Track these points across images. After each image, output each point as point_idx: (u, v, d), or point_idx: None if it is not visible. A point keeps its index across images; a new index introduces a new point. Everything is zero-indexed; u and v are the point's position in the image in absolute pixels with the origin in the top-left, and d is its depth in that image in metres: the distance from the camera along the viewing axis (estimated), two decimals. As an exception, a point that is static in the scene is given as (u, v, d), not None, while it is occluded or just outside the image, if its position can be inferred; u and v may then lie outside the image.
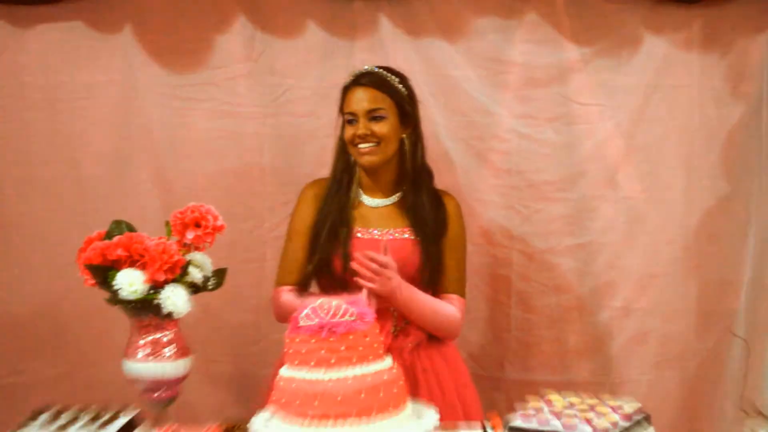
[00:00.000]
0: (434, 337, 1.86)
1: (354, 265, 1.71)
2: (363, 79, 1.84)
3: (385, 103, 1.81)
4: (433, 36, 2.24)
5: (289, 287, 1.84)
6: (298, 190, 1.95)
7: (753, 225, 2.30)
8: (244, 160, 2.31)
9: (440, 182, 1.97)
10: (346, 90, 1.87)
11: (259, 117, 2.28)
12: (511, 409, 1.66)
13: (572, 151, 2.29)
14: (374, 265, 1.66)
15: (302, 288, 1.85)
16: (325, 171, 1.95)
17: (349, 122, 1.83)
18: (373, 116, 1.80)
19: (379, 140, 1.79)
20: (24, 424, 1.54)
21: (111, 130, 2.23)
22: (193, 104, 2.25)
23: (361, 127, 1.79)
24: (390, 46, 2.23)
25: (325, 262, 1.81)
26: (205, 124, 2.26)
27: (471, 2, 2.25)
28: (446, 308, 1.83)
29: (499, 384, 2.36)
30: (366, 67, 1.91)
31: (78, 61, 2.19)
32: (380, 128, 1.79)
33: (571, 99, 2.26)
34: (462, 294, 1.88)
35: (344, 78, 1.91)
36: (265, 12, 2.23)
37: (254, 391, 2.09)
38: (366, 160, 1.80)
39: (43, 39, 2.16)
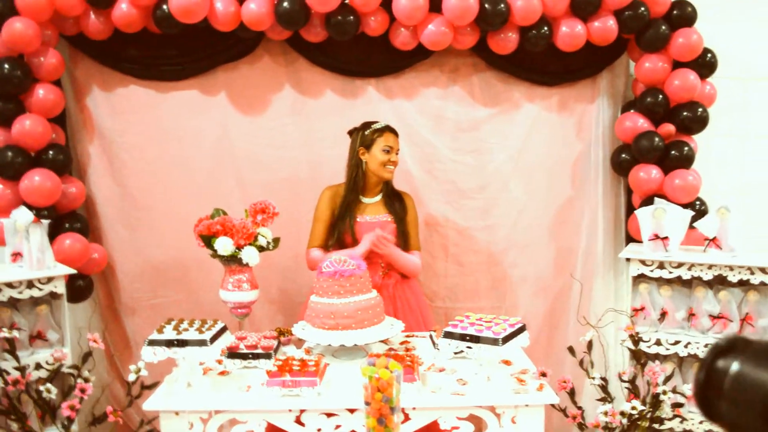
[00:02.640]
0: (406, 276, 2.87)
1: (375, 239, 2.67)
2: (389, 128, 2.82)
3: (397, 145, 2.84)
4: (401, 99, 3.28)
5: (315, 248, 2.87)
6: (320, 186, 2.91)
7: (586, 215, 3.40)
8: (289, 173, 3.25)
9: (405, 188, 3.02)
10: (381, 132, 2.78)
11: (299, 147, 3.25)
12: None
13: (482, 169, 3.34)
14: (382, 233, 2.70)
15: (324, 249, 2.85)
16: (337, 179, 2.92)
17: (386, 151, 2.77)
18: (397, 151, 2.84)
19: (395, 165, 2.86)
20: (161, 329, 2.14)
21: (212, 154, 3.23)
22: (260, 139, 3.24)
23: (393, 157, 2.79)
24: (375, 105, 3.25)
25: (340, 236, 2.81)
26: (267, 151, 3.24)
27: (421, 80, 3.28)
28: (412, 258, 2.86)
29: (439, 309, 3.37)
30: (381, 123, 2.83)
31: (193, 113, 3.21)
32: (398, 159, 2.88)
33: (481, 140, 3.33)
34: (419, 248, 2.92)
35: (351, 123, 2.92)
36: (302, 83, 3.25)
37: (295, 310, 3.10)
38: (390, 174, 2.81)
39: (173, 100, 3.19)
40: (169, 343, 2.07)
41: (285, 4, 2.93)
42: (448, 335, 2.13)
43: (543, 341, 3.42)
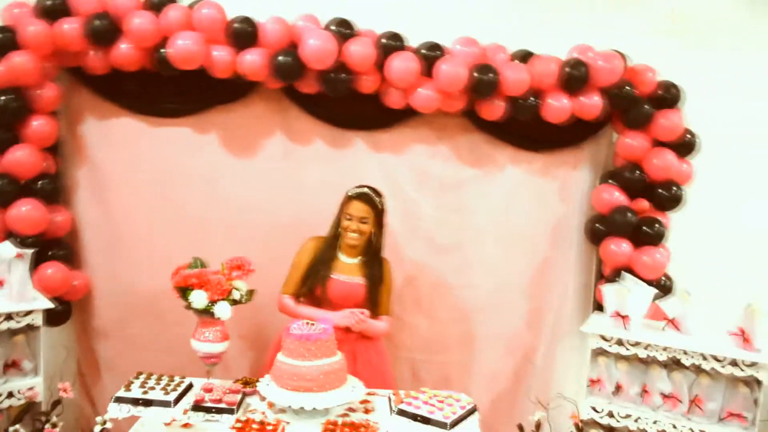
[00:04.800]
0: (368, 338, 2.91)
1: (354, 321, 2.75)
2: (360, 196, 2.82)
3: (369, 215, 2.83)
4: (388, 153, 3.36)
5: (288, 296, 2.93)
6: (303, 232, 2.98)
7: (559, 278, 3.48)
8: (273, 217, 3.30)
9: (385, 241, 2.99)
10: (350, 198, 2.83)
11: (285, 193, 3.31)
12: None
13: (462, 228, 3.43)
14: (361, 317, 2.77)
15: (295, 297, 2.92)
16: (320, 228, 2.96)
17: (348, 219, 2.82)
18: (362, 221, 2.86)
19: (361, 234, 2.87)
20: (129, 385, 2.23)
21: (199, 191, 3.30)
22: (247, 182, 3.31)
23: (353, 225, 2.83)
24: (363, 158, 3.32)
25: (312, 289, 2.88)
26: (253, 193, 3.30)
27: (409, 136, 3.36)
28: (380, 325, 2.93)
29: (407, 360, 3.46)
30: (361, 188, 2.83)
31: (184, 150, 3.27)
32: (364, 228, 2.85)
33: (463, 199, 3.40)
34: (389, 313, 2.98)
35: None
36: (293, 131, 3.34)
37: (266, 346, 3.15)
38: (350, 242, 2.85)
39: (166, 136, 3.25)
40: (135, 402, 2.15)
41: (281, 58, 3.00)
42: (401, 413, 2.22)
43: (508, 397, 3.52)
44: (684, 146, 3.31)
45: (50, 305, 2.74)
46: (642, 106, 3.23)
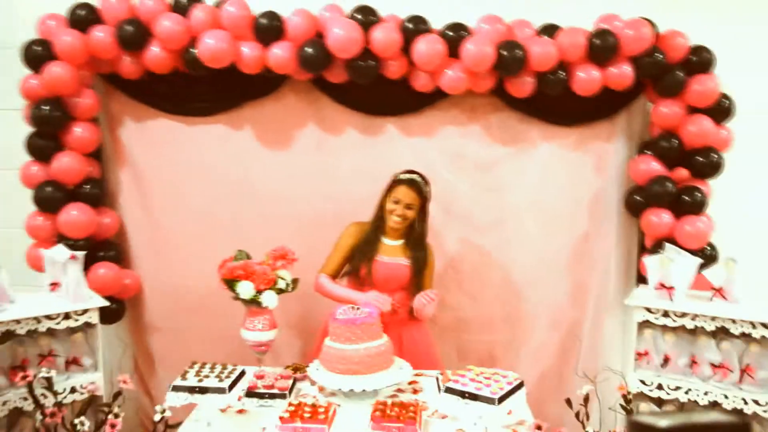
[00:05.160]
0: (413, 320, 2.94)
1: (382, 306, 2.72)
2: (410, 182, 2.84)
3: (415, 201, 2.85)
4: (420, 137, 3.38)
5: (325, 275, 2.99)
6: (340, 220, 3.03)
7: (600, 252, 3.45)
8: (311, 207, 3.37)
9: None
10: (398, 183, 2.85)
11: (320, 183, 3.38)
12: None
13: (499, 206, 3.43)
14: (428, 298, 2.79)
15: (332, 278, 2.97)
16: (357, 214, 3.02)
17: (394, 202, 2.84)
18: (408, 206, 2.88)
19: (405, 219, 2.90)
20: (185, 374, 2.36)
21: (237, 185, 3.35)
22: (283, 174, 3.38)
23: (399, 210, 2.86)
24: (395, 143, 3.36)
25: (356, 269, 2.94)
26: (290, 185, 3.36)
27: (440, 119, 3.36)
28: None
29: (452, 341, 3.48)
30: (411, 174, 2.85)
31: (220, 146, 3.35)
32: (409, 214, 2.88)
33: (499, 177, 3.40)
34: None
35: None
36: (325, 121, 3.38)
37: (313, 334, 3.19)
38: (393, 225, 2.88)
39: (201, 134, 3.36)
40: (191, 390, 2.23)
41: (308, 49, 3.04)
42: (449, 391, 2.25)
43: (554, 373, 3.52)
44: (720, 111, 3.23)
45: (105, 303, 2.85)
46: (674, 73, 3.17)
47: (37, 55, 3.05)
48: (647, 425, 0.92)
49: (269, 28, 3.05)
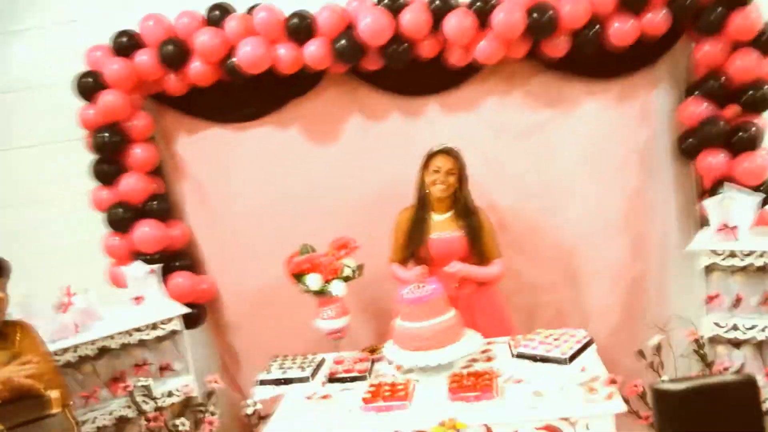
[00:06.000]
0: (482, 287, 3.03)
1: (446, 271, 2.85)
2: (445, 151, 2.96)
3: (455, 166, 2.95)
4: (462, 113, 3.40)
5: (395, 264, 3.13)
6: (395, 202, 3.09)
7: (658, 201, 3.41)
8: (365, 194, 3.45)
9: (474, 195, 3.06)
10: (434, 154, 2.94)
11: (372, 167, 3.45)
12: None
13: (548, 168, 3.43)
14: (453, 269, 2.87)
15: (403, 263, 3.08)
16: (410, 194, 3.07)
17: (435, 171, 2.93)
18: (449, 172, 2.96)
19: (448, 186, 2.97)
20: (269, 368, 2.53)
21: (292, 182, 3.45)
22: (335, 164, 3.47)
23: (441, 178, 2.94)
24: (437, 122, 3.40)
25: (416, 251, 3.02)
26: (341, 174, 3.45)
27: (480, 91, 3.38)
28: (490, 270, 3.02)
29: (520, 304, 3.47)
30: (442, 144, 2.97)
31: (270, 147, 3.45)
32: (451, 180, 2.96)
33: (545, 140, 3.40)
34: (499, 255, 3.05)
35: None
36: (366, 109, 3.45)
37: (385, 316, 3.18)
38: (438, 194, 2.95)
39: (251, 138, 3.48)
40: (277, 382, 2.38)
41: (341, 42, 3.11)
42: (521, 356, 2.32)
43: (623, 326, 3.51)
44: (765, 42, 3.14)
45: (186, 310, 3.04)
46: (713, 10, 3.08)
47: (89, 86, 3.23)
48: (667, 391, 0.98)
49: (301, 27, 3.14)
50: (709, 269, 3.01)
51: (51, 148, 3.65)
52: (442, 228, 3.05)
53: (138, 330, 2.95)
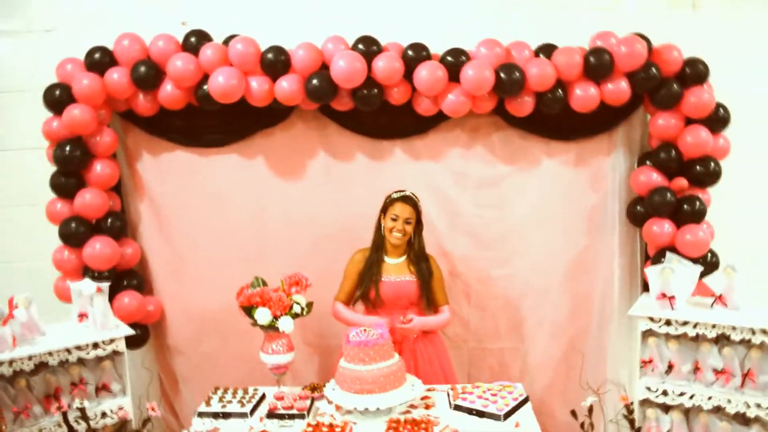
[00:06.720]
0: (427, 334, 3.09)
1: (399, 332, 2.92)
2: (405, 199, 3.04)
3: (413, 216, 3.03)
4: (426, 159, 3.49)
5: (339, 302, 3.15)
6: (352, 241, 3.17)
7: (602, 262, 3.54)
8: (323, 231, 3.48)
9: (429, 241, 3.20)
10: (394, 201, 3.03)
11: (332, 207, 3.49)
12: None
13: (502, 222, 3.53)
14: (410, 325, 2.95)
15: (347, 302, 3.14)
16: (369, 235, 3.15)
17: (393, 219, 3.01)
18: (406, 221, 3.04)
19: (405, 234, 3.05)
20: (209, 400, 2.52)
21: (250, 213, 3.49)
22: (295, 200, 3.49)
23: (399, 225, 3.02)
24: (402, 165, 3.47)
25: (365, 293, 3.09)
26: (302, 210, 3.47)
27: (444, 140, 3.47)
28: (440, 317, 3.12)
29: (464, 351, 3.60)
30: (402, 191, 3.04)
31: (233, 176, 3.47)
32: (408, 228, 3.05)
33: (502, 194, 3.51)
34: (447, 302, 3.16)
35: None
36: (334, 147, 3.49)
37: (330, 352, 3.40)
38: (395, 242, 3.04)
39: (215, 165, 3.48)
40: (216, 415, 2.37)
41: (314, 81, 3.17)
42: (458, 408, 2.37)
43: (560, 381, 3.61)
44: (717, 121, 3.32)
45: (131, 332, 3.00)
46: (670, 86, 3.25)
47: (57, 98, 3.20)
48: None
49: (276, 63, 3.18)
50: (646, 334, 3.11)
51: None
52: (395, 272, 3.12)
53: (79, 348, 2.89)
